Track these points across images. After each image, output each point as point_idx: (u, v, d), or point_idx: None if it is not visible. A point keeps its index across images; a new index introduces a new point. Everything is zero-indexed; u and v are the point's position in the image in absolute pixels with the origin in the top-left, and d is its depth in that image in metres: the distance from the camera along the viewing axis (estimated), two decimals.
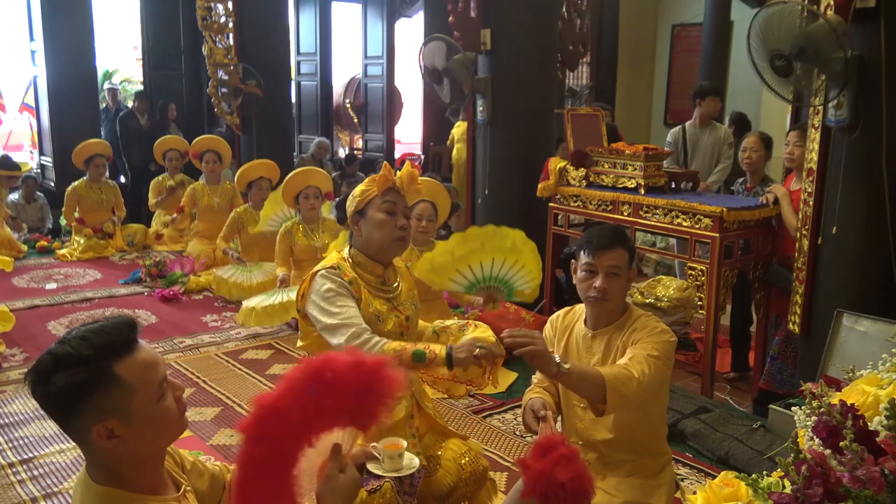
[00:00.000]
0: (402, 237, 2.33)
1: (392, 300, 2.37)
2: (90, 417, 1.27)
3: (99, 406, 1.27)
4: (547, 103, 5.23)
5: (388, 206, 2.29)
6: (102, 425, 1.28)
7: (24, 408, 3.86)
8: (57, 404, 1.28)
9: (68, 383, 1.25)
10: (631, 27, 11.02)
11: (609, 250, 2.21)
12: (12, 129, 11.56)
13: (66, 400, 1.26)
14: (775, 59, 3.17)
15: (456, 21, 5.05)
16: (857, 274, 3.22)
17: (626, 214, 4.21)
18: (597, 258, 2.21)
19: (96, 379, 1.26)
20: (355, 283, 2.29)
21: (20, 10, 9.00)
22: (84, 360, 1.26)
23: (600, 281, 2.20)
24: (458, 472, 2.39)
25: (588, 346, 2.30)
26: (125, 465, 1.33)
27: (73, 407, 1.27)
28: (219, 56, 7.63)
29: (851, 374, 2.39)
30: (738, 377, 4.47)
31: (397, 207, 2.31)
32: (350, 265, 2.33)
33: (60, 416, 1.30)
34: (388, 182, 2.31)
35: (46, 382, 1.26)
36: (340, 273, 2.27)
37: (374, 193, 2.31)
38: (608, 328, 2.27)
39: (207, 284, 6.12)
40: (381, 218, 2.29)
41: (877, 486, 1.61)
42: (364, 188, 2.33)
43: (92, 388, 1.26)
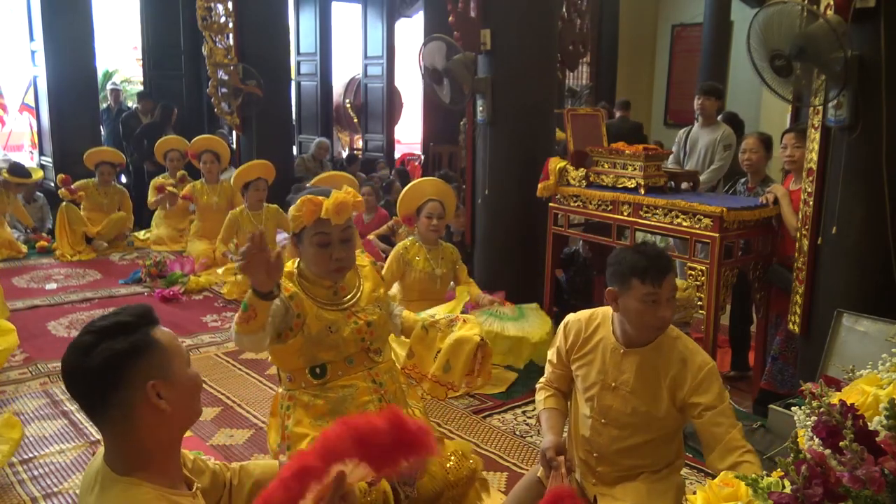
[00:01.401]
0: (337, 268, 2.23)
1: (349, 308, 2.29)
2: (140, 378, 1.32)
3: (147, 366, 1.34)
4: (547, 103, 5.23)
5: (321, 239, 2.19)
6: (152, 385, 1.33)
7: (25, 408, 3.86)
8: (103, 376, 1.31)
9: (119, 349, 1.31)
10: (631, 27, 11.03)
11: (666, 277, 2.06)
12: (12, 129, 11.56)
13: (116, 366, 1.31)
14: (775, 59, 3.17)
15: (456, 21, 5.05)
16: (857, 274, 3.22)
17: (626, 214, 4.21)
18: (662, 287, 2.06)
19: (142, 342, 1.34)
20: (296, 298, 2.23)
21: (20, 10, 9.00)
22: (126, 326, 1.34)
23: (665, 310, 2.07)
24: (443, 476, 2.38)
25: (617, 363, 2.19)
26: (154, 447, 1.36)
27: (121, 374, 1.32)
28: (219, 56, 7.63)
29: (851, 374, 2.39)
30: (738, 377, 4.47)
31: (331, 238, 2.19)
32: (296, 280, 2.26)
33: (104, 390, 1.32)
34: (314, 214, 2.16)
35: (91, 354, 1.31)
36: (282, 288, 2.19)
37: (305, 223, 2.19)
38: (642, 349, 2.16)
39: (207, 284, 6.13)
40: (314, 252, 2.20)
41: (877, 486, 1.60)
42: (294, 214, 2.19)
43: (138, 351, 1.33)
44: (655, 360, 2.15)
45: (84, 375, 1.32)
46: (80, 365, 1.32)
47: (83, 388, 1.34)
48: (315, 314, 2.23)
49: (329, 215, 2.16)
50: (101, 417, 1.36)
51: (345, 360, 2.29)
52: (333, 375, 2.29)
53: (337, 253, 2.20)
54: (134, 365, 1.33)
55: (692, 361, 2.13)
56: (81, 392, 1.35)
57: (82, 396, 1.36)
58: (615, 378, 2.19)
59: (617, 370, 2.20)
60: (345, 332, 2.25)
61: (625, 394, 2.18)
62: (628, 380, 2.17)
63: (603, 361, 2.23)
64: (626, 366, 2.18)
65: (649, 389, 2.16)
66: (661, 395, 2.15)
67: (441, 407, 3.94)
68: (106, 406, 1.34)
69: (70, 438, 3.55)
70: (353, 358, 2.30)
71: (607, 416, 2.22)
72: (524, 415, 3.90)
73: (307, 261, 2.25)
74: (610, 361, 2.21)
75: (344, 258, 2.23)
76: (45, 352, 4.67)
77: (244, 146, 7.91)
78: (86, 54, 8.42)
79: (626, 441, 2.21)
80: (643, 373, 2.16)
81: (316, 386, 2.29)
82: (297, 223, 2.21)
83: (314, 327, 2.22)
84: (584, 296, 5.19)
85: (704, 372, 2.12)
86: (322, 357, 2.27)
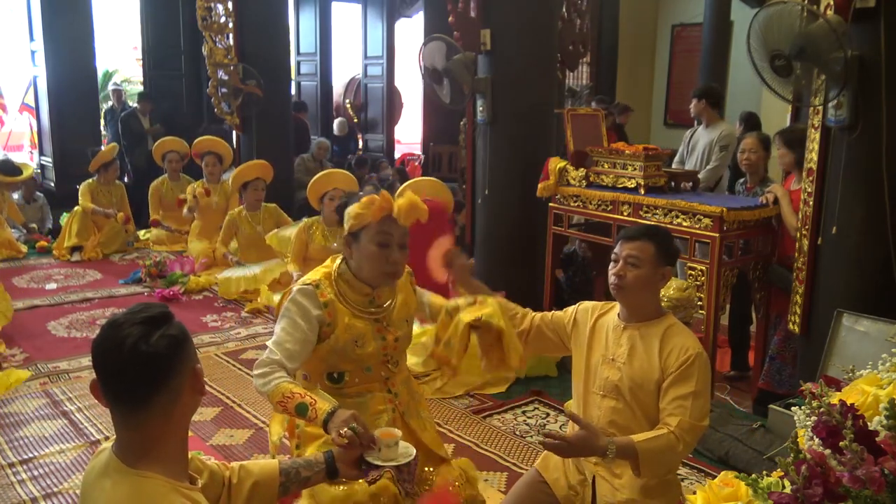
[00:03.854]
0: (392, 272, 2.21)
1: (381, 320, 2.27)
2: (189, 364, 1.40)
3: (192, 352, 1.42)
4: (547, 103, 5.22)
5: (382, 238, 2.16)
6: (199, 367, 1.43)
7: (24, 408, 3.86)
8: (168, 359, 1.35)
9: (174, 334, 1.37)
10: (631, 27, 11.03)
11: (631, 241, 2.29)
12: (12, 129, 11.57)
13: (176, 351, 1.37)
14: (775, 59, 3.17)
15: (456, 21, 5.05)
16: (857, 274, 3.22)
17: (626, 214, 4.21)
18: (619, 247, 2.31)
19: (184, 329, 1.41)
20: (331, 306, 2.20)
21: (20, 10, 9.00)
22: (167, 316, 1.39)
23: (617, 270, 2.28)
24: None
25: (617, 338, 2.34)
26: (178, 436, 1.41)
27: (178, 359, 1.37)
28: (219, 56, 7.63)
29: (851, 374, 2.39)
30: (737, 377, 4.48)
31: (392, 239, 2.17)
32: (334, 283, 2.24)
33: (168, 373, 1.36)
34: (384, 211, 2.15)
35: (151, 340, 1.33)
36: (317, 294, 2.19)
37: (370, 221, 2.16)
38: (638, 324, 2.31)
39: (207, 284, 6.13)
40: (372, 251, 2.17)
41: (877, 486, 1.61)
42: (359, 211, 2.17)
43: (186, 337, 1.41)
44: (649, 341, 2.27)
45: (149, 362, 1.33)
46: (146, 351, 1.32)
47: (143, 375, 1.34)
48: (346, 325, 2.20)
49: (399, 215, 2.15)
50: (144, 407, 1.35)
51: (363, 369, 2.29)
52: (351, 382, 2.28)
53: (394, 256, 2.18)
54: (186, 350, 1.40)
55: (681, 349, 2.22)
56: (137, 380, 1.34)
57: (136, 385, 1.34)
58: (613, 352, 2.33)
59: (616, 345, 2.33)
60: (369, 347, 2.23)
61: (620, 365, 2.30)
62: (624, 353, 2.30)
63: (606, 338, 2.37)
64: (623, 340, 2.32)
65: (641, 362, 2.26)
66: (653, 368, 2.24)
67: (441, 407, 3.94)
68: (159, 392, 1.35)
69: (70, 438, 3.55)
70: (372, 367, 2.30)
71: (605, 388, 2.33)
72: (524, 415, 3.90)
73: (361, 261, 2.20)
74: (611, 337, 2.35)
75: (399, 263, 2.21)
76: (45, 352, 4.67)
77: (244, 146, 7.91)
78: (86, 54, 8.43)
79: (621, 415, 2.28)
80: (635, 348, 2.29)
81: (331, 389, 2.28)
82: (360, 221, 2.16)
83: (342, 339, 2.20)
84: (584, 296, 5.17)
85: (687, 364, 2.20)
86: (342, 367, 2.27)
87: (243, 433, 3.64)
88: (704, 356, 2.22)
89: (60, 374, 4.32)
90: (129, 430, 1.37)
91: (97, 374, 1.38)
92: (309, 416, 1.98)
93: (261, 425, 3.70)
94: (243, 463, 1.72)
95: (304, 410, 1.99)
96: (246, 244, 6.12)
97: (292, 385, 2.06)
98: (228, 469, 1.68)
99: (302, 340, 2.17)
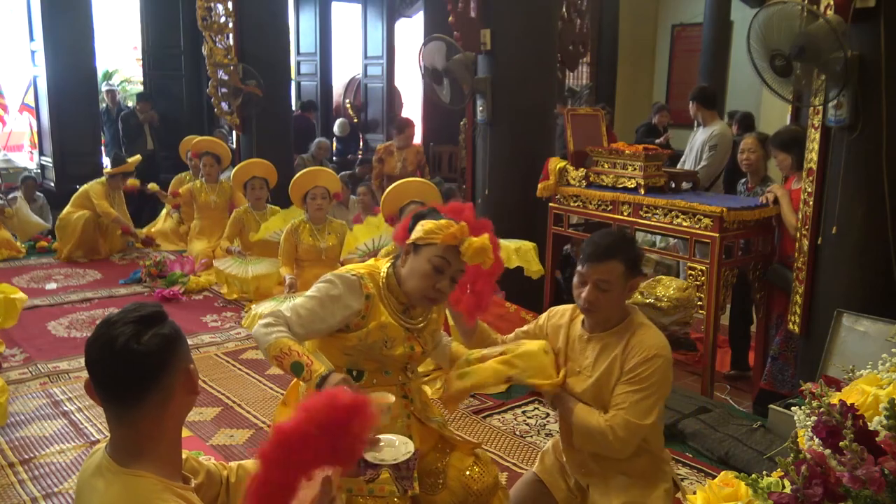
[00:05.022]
0: (434, 298, 2.18)
1: (412, 331, 2.26)
2: (182, 362, 1.40)
3: (185, 350, 1.42)
4: (547, 103, 5.23)
5: (440, 263, 2.13)
6: (192, 367, 1.42)
7: (24, 408, 3.86)
8: (157, 359, 1.35)
9: (167, 333, 1.37)
10: (631, 27, 11.02)
11: (599, 263, 2.14)
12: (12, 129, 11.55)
13: (167, 350, 1.37)
14: (775, 59, 3.17)
15: (456, 21, 5.05)
16: (857, 274, 3.22)
17: (626, 214, 4.21)
18: (586, 269, 2.16)
19: (177, 329, 1.42)
20: (372, 300, 2.19)
21: (20, 10, 8.99)
22: (160, 316, 1.40)
23: (586, 292, 2.16)
24: (463, 490, 2.33)
25: (583, 348, 2.26)
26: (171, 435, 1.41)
27: (171, 358, 1.38)
28: (219, 56, 7.63)
29: (851, 374, 2.40)
30: (737, 377, 4.48)
31: (449, 268, 2.14)
32: (382, 281, 2.23)
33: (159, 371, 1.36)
34: (454, 241, 2.13)
35: (142, 339, 1.34)
36: (362, 285, 2.17)
37: (437, 242, 2.14)
38: (603, 333, 2.22)
39: (207, 284, 6.13)
40: (426, 270, 2.14)
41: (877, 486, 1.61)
42: (432, 229, 2.15)
43: (179, 336, 1.41)
44: (615, 346, 2.19)
45: (139, 360, 1.33)
46: (136, 349, 1.33)
47: (134, 373, 1.34)
48: (380, 323, 2.18)
49: (465, 252, 2.12)
50: (137, 405, 1.36)
51: (383, 372, 2.29)
52: (367, 383, 2.27)
53: (443, 284, 2.16)
54: (178, 349, 1.40)
55: (645, 348, 2.14)
56: (129, 378, 1.34)
57: (128, 383, 1.35)
58: (580, 363, 2.26)
59: (582, 355, 2.26)
60: (396, 351, 2.22)
61: (586, 377, 2.24)
62: (590, 364, 2.23)
63: (573, 348, 2.30)
64: (588, 351, 2.25)
65: (604, 372, 2.19)
66: (614, 371, 2.18)
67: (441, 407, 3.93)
68: (150, 390, 1.35)
69: (70, 438, 3.55)
70: (391, 371, 2.29)
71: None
72: (524, 415, 3.90)
73: (411, 274, 2.18)
74: (577, 347, 2.29)
75: (444, 293, 2.18)
76: (45, 352, 4.67)
77: (244, 146, 7.90)
78: (86, 54, 8.41)
79: None
80: (603, 358, 2.21)
81: None
82: (429, 238, 2.15)
83: (373, 335, 2.18)
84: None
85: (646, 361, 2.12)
86: (364, 365, 2.27)
87: (243, 433, 3.64)
88: (664, 358, 2.13)
89: (60, 374, 4.32)
90: (122, 428, 1.38)
91: (89, 373, 1.39)
92: (304, 376, 2.03)
93: (261, 425, 3.70)
94: (242, 462, 1.72)
95: (300, 370, 2.03)
96: (249, 243, 6.11)
97: (292, 342, 2.08)
98: (227, 469, 1.68)
99: (320, 319, 2.16)
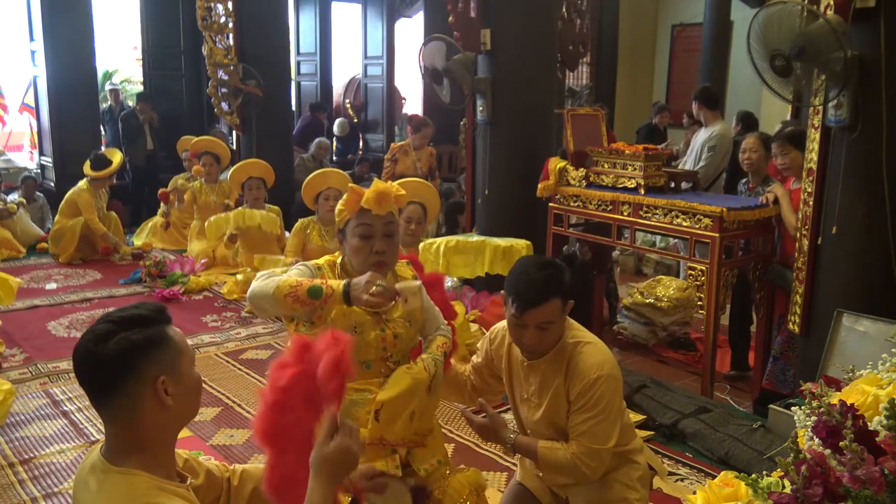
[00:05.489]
0: (379, 262, 2.17)
1: (379, 313, 2.23)
2: (152, 372, 1.37)
3: (158, 360, 1.38)
4: (547, 103, 5.23)
5: (363, 230, 2.16)
6: (161, 380, 1.37)
7: (24, 408, 3.86)
8: (118, 363, 1.34)
9: (135, 339, 1.35)
10: (631, 27, 11.03)
11: (537, 307, 2.04)
12: (12, 130, 11.55)
13: (130, 356, 1.35)
14: (775, 59, 3.17)
15: (456, 21, 5.05)
16: (857, 274, 3.22)
17: (626, 214, 4.21)
18: (525, 315, 2.05)
19: (157, 336, 1.39)
20: None
21: (20, 10, 8.99)
22: (145, 320, 1.39)
23: (529, 338, 2.08)
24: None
25: (525, 375, 2.22)
26: (153, 437, 1.39)
27: (134, 365, 1.35)
28: (219, 56, 7.63)
29: (851, 374, 2.39)
30: (737, 377, 4.47)
31: (374, 230, 2.16)
32: (338, 271, 2.25)
33: (115, 379, 1.35)
34: (355, 205, 2.16)
35: (108, 342, 1.34)
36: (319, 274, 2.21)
37: (348, 216, 2.19)
38: (541, 360, 2.16)
39: (207, 284, 6.13)
40: (356, 244, 2.18)
41: (877, 486, 1.61)
42: (340, 208, 2.22)
43: (154, 344, 1.38)
44: (554, 373, 2.14)
45: (98, 362, 1.34)
46: (95, 351, 1.34)
47: (94, 374, 1.36)
48: (343, 311, 2.18)
49: (370, 205, 2.15)
50: (107, 405, 1.37)
51: (362, 364, 2.26)
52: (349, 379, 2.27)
53: (378, 245, 2.18)
54: (147, 357, 1.36)
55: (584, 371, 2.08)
56: (91, 378, 1.37)
57: (92, 382, 1.37)
58: (526, 389, 2.22)
59: (526, 381, 2.22)
60: (369, 336, 2.21)
61: (534, 405, 2.20)
62: (535, 390, 2.18)
63: (518, 374, 2.26)
64: (532, 378, 2.20)
65: (552, 396, 2.14)
66: (562, 397, 2.13)
67: (441, 407, 3.93)
68: (113, 394, 1.35)
69: (70, 438, 3.55)
70: (372, 363, 2.26)
71: (530, 427, 2.26)
72: None
73: (350, 254, 2.24)
74: (521, 373, 2.24)
75: (385, 251, 2.20)
76: (45, 352, 4.67)
77: (244, 146, 7.91)
78: (86, 54, 8.42)
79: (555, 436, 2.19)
80: (544, 384, 2.16)
81: None
82: (342, 217, 2.22)
83: (340, 324, 2.18)
84: (583, 297, 5.18)
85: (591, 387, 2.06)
86: None
87: (243, 433, 3.64)
88: (608, 375, 2.06)
89: (60, 374, 4.32)
90: (107, 425, 1.40)
91: None
92: (325, 293, 2.02)
93: None
94: (245, 466, 1.72)
95: (319, 292, 2.02)
96: (251, 245, 6.11)
97: (293, 279, 2.08)
98: (229, 471, 1.68)
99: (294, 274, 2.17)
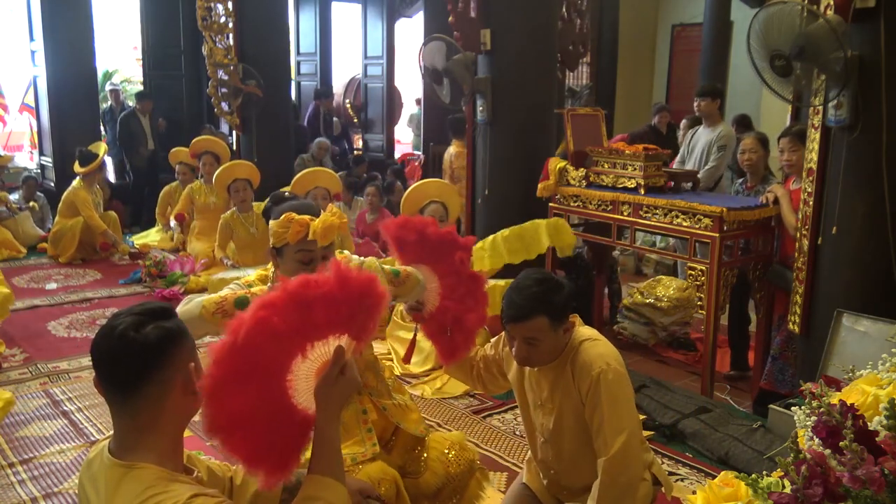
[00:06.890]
0: None
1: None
2: (183, 359, 1.40)
3: (189, 349, 1.42)
4: (547, 103, 5.23)
5: (304, 256, 2.13)
6: (192, 365, 1.42)
7: (25, 408, 3.86)
8: (156, 349, 1.36)
9: (169, 327, 1.39)
10: (631, 27, 11.02)
11: (520, 323, 2.04)
12: (12, 130, 11.55)
13: (166, 343, 1.37)
14: (775, 59, 3.17)
15: (456, 21, 5.05)
16: (857, 274, 3.22)
17: (626, 214, 4.21)
18: (510, 328, 2.09)
19: (182, 328, 1.43)
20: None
21: (20, 10, 8.99)
22: (166, 312, 1.43)
23: (517, 350, 2.09)
24: (444, 469, 2.38)
25: (537, 380, 2.23)
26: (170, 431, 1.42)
27: (170, 352, 1.38)
28: (219, 56, 7.63)
29: (851, 374, 2.39)
30: (737, 377, 4.47)
31: (314, 255, 2.13)
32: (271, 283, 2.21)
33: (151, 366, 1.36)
34: (300, 235, 2.11)
35: (141, 331, 1.36)
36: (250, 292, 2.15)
37: (288, 242, 2.13)
38: (548, 367, 2.17)
39: (207, 284, 6.12)
40: (296, 267, 2.12)
41: (877, 485, 1.61)
42: (277, 230, 2.13)
43: (183, 333, 1.42)
44: (562, 376, 2.14)
45: (135, 350, 1.34)
46: (134, 338, 1.34)
47: (129, 361, 1.35)
48: None
49: (316, 237, 2.12)
50: (134, 395, 1.36)
51: None
52: None
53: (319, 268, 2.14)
54: (180, 345, 1.40)
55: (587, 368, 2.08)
56: (126, 366, 1.36)
57: (125, 371, 1.36)
58: (540, 396, 2.22)
59: (539, 387, 2.22)
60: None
61: (549, 409, 2.20)
62: (548, 396, 2.19)
63: (529, 380, 2.26)
64: (543, 384, 2.20)
65: (568, 403, 2.14)
66: (576, 401, 2.12)
67: (441, 407, 3.94)
68: (144, 383, 1.36)
69: (70, 438, 3.55)
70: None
71: (544, 433, 2.25)
72: None
73: (287, 274, 2.17)
74: (532, 379, 2.24)
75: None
76: (45, 352, 4.67)
77: (244, 146, 7.91)
78: (86, 54, 8.42)
79: (572, 456, 2.19)
80: (555, 386, 2.16)
81: None
82: (280, 239, 2.15)
83: None
84: (586, 298, 5.18)
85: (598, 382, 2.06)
86: None
87: None
88: (608, 368, 2.06)
89: (60, 374, 4.32)
90: (123, 419, 1.39)
91: (92, 361, 1.41)
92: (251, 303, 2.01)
93: None
94: None
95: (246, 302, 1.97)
96: (241, 246, 6.11)
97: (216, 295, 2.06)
98: (231, 471, 1.68)
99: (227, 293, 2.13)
